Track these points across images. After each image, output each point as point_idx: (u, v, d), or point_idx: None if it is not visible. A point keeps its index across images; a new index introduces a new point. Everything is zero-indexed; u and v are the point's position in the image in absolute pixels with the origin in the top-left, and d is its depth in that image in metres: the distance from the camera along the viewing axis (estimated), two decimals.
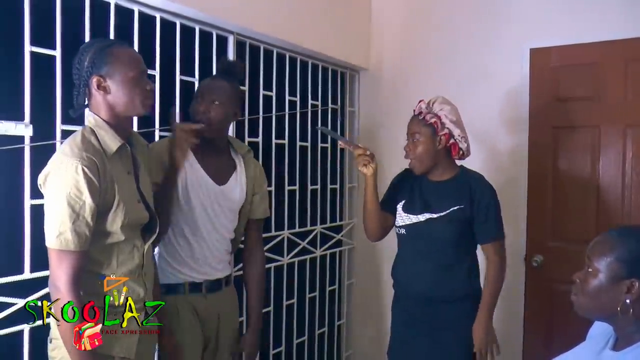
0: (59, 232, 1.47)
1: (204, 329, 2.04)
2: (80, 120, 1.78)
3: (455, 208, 2.18)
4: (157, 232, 1.76)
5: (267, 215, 2.29)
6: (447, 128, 2.17)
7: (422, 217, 2.22)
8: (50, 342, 1.59)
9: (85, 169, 1.48)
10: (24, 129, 1.75)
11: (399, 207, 2.30)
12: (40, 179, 1.53)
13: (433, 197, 2.24)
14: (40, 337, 1.66)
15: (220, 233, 2.08)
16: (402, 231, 2.28)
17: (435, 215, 2.20)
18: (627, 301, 1.32)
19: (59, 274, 1.48)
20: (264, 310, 2.78)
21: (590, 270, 1.37)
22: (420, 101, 2.24)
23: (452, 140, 2.19)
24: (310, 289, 3.21)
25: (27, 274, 1.80)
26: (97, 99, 1.59)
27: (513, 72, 3.02)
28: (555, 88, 2.93)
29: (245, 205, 2.15)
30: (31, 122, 1.78)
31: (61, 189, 1.47)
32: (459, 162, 2.30)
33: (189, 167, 1.99)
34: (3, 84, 1.75)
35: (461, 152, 2.22)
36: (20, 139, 1.76)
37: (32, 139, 1.78)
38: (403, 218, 2.27)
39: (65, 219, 1.47)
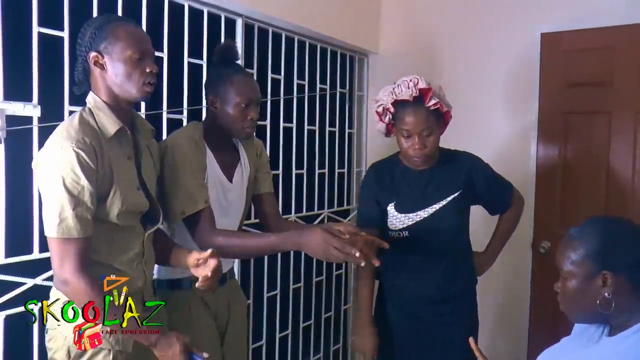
0: (59, 219, 1.38)
1: (217, 322, 1.96)
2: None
3: (456, 195, 2.02)
4: (159, 221, 1.69)
5: (271, 191, 2.18)
6: (444, 103, 1.97)
7: (424, 213, 2.02)
8: (47, 332, 1.54)
9: (82, 153, 1.40)
10: (32, 110, 1.75)
11: (390, 209, 2.06)
12: (34, 161, 1.46)
13: (426, 187, 2.04)
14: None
15: (232, 225, 2.01)
16: (405, 233, 2.05)
17: (437, 207, 2.02)
18: (606, 294, 1.29)
19: (65, 265, 1.40)
20: (269, 294, 2.83)
21: (563, 276, 1.37)
22: (407, 81, 1.94)
23: (446, 109, 1.98)
24: (317, 273, 3.21)
25: (36, 254, 1.81)
26: (95, 77, 1.53)
27: (523, 56, 2.98)
28: (565, 73, 2.90)
29: (249, 187, 2.07)
30: (39, 103, 1.79)
31: (58, 174, 1.39)
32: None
33: (209, 165, 1.90)
34: (11, 65, 1.74)
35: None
36: (29, 119, 1.77)
37: (40, 120, 1.78)
38: (401, 220, 2.04)
39: (65, 205, 1.39)
